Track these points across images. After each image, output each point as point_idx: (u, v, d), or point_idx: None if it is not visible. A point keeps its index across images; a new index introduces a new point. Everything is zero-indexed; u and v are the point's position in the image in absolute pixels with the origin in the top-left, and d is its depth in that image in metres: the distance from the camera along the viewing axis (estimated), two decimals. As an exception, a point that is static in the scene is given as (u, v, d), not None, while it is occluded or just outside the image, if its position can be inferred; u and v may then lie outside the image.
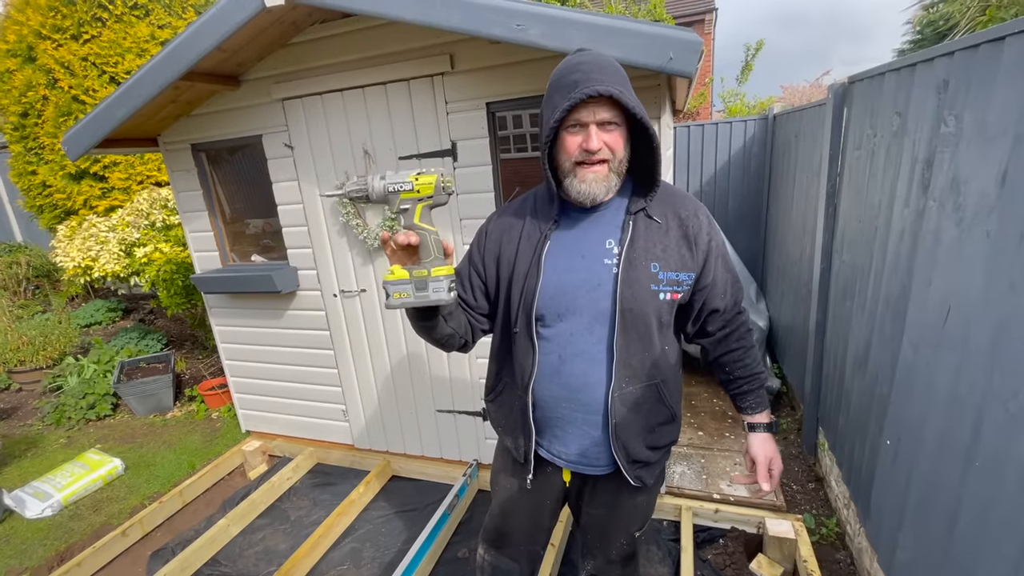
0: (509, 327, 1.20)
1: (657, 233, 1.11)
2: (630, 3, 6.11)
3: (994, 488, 1.15)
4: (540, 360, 1.15)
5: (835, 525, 2.21)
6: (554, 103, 1.02)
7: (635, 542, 1.38)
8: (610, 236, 1.12)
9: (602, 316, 1.11)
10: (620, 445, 1.16)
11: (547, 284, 1.12)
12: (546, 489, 1.33)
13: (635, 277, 1.08)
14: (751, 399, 1.28)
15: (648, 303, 1.09)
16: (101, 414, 3.84)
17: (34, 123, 4.66)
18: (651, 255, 1.10)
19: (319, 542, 2.29)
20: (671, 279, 1.11)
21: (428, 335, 1.15)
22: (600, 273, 1.11)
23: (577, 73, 1.00)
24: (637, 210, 1.11)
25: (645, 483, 1.22)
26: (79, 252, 3.90)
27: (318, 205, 2.50)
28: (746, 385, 1.27)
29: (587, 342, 1.12)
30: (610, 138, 1.03)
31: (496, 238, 1.21)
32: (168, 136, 2.73)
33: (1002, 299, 1.14)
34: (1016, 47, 1.11)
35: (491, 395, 1.34)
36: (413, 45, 2.12)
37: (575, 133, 1.03)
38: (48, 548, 2.51)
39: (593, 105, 1.00)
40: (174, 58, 2.08)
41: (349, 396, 2.80)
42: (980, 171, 1.23)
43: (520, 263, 1.15)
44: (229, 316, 2.96)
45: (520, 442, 1.25)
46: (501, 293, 1.20)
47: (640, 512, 1.34)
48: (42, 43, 4.39)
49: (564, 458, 1.24)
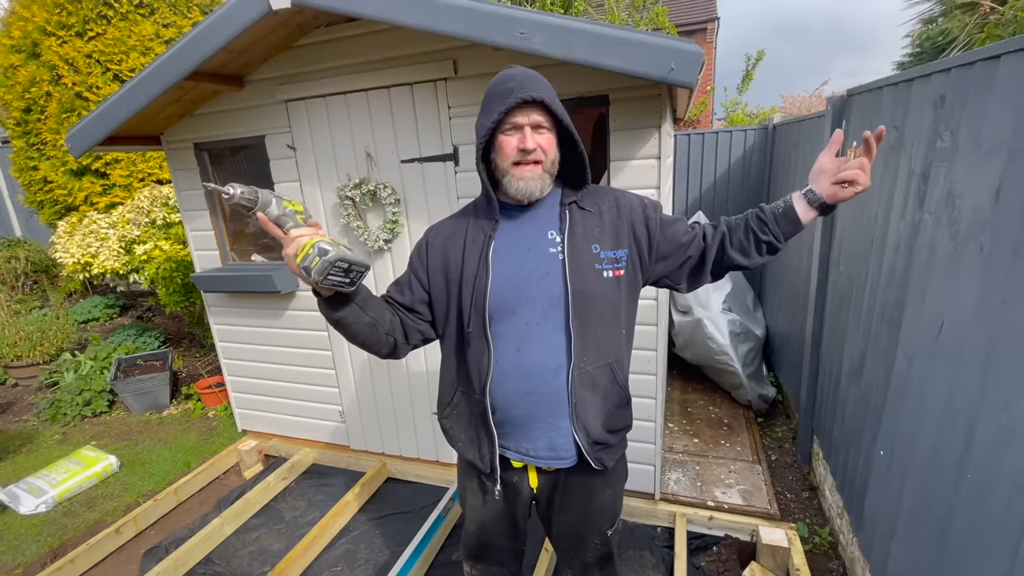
0: (463, 329, 1.22)
1: (592, 219, 1.20)
2: (633, 11, 6.15)
3: (985, 500, 1.17)
4: (496, 357, 1.18)
5: (828, 534, 2.22)
6: (491, 108, 1.10)
7: (609, 542, 1.39)
8: (550, 228, 1.20)
9: (555, 302, 1.16)
10: (581, 426, 1.19)
11: (497, 280, 1.17)
12: (514, 497, 1.34)
13: (581, 260, 1.16)
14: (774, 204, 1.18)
15: (595, 282, 1.16)
16: (97, 411, 3.83)
17: (37, 119, 4.66)
18: (590, 237, 1.18)
19: (313, 543, 2.29)
20: (610, 257, 1.18)
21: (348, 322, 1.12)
22: (548, 262, 1.17)
23: (511, 83, 1.10)
24: (570, 201, 1.21)
25: (606, 466, 1.24)
26: (79, 248, 3.90)
27: (320, 206, 2.51)
28: (761, 213, 1.18)
29: (544, 330, 1.17)
30: (543, 140, 1.12)
31: (440, 245, 1.25)
32: (171, 135, 2.74)
33: (995, 313, 1.15)
34: (1011, 66, 1.13)
35: (446, 411, 1.32)
36: (417, 50, 2.14)
37: (511, 135, 1.12)
38: (41, 544, 2.51)
39: (527, 109, 1.09)
40: (180, 58, 2.09)
41: (346, 397, 2.81)
42: (975, 186, 1.25)
43: (468, 265, 1.20)
44: (228, 315, 2.96)
45: (484, 450, 1.25)
46: (452, 298, 1.23)
47: (608, 508, 1.36)
48: (47, 39, 4.40)
49: (533, 455, 1.24)
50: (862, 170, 1.06)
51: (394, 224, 2.35)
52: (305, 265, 0.96)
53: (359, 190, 2.34)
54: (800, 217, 1.15)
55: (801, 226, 1.16)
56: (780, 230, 1.17)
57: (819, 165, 1.13)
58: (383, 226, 2.37)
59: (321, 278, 0.97)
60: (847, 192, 1.09)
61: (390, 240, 2.40)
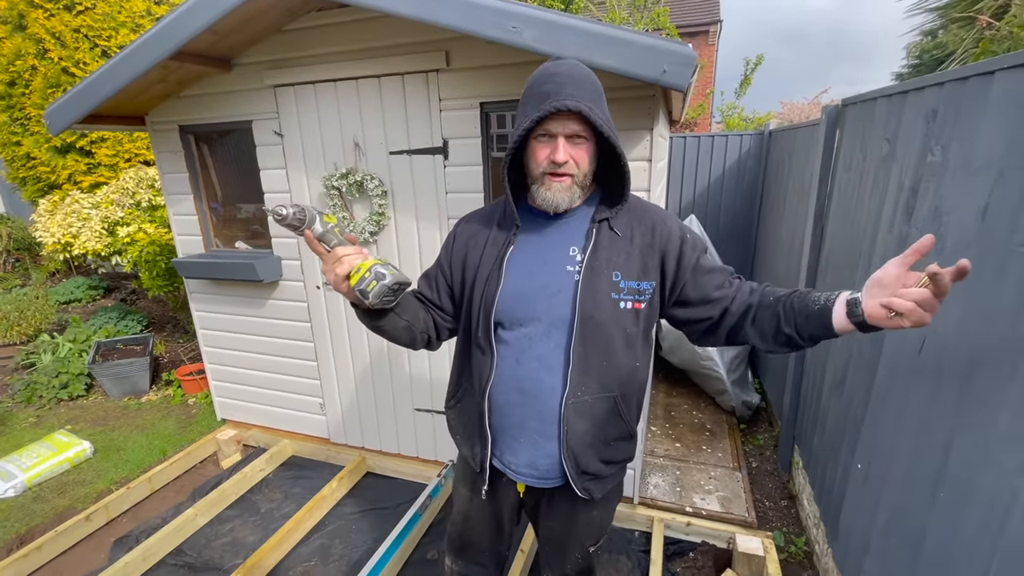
0: (471, 331, 1.20)
1: (621, 243, 1.11)
2: (634, 11, 6.12)
3: (958, 519, 1.16)
4: (497, 364, 1.15)
5: (804, 544, 2.23)
6: (526, 111, 1.03)
7: (591, 557, 1.38)
8: (574, 243, 1.13)
9: (560, 322, 1.10)
10: (570, 454, 1.14)
11: (507, 289, 1.13)
12: (502, 499, 1.33)
13: (596, 285, 1.08)
14: (815, 295, 1.00)
15: (607, 311, 1.09)
16: (74, 394, 3.76)
17: (21, 93, 4.55)
18: (613, 264, 1.10)
19: (288, 536, 2.26)
20: (632, 288, 1.10)
21: (386, 329, 1.16)
22: (561, 279, 1.11)
23: (550, 84, 1.00)
24: (602, 219, 1.12)
25: (593, 496, 1.20)
26: (59, 228, 3.82)
27: (306, 194, 2.46)
28: (796, 300, 1.02)
29: (544, 347, 1.12)
30: (577, 152, 1.05)
31: (463, 242, 1.23)
32: (156, 116, 2.67)
33: (976, 332, 1.14)
34: (1005, 82, 1.11)
35: (451, 402, 1.33)
36: (409, 40, 2.09)
37: (544, 143, 1.05)
38: (8, 530, 2.45)
39: (563, 118, 1.01)
40: (164, 37, 2.03)
41: (327, 389, 2.77)
42: (962, 203, 1.24)
43: (483, 268, 1.16)
44: (210, 302, 2.91)
45: (477, 450, 1.24)
46: (465, 297, 1.21)
47: (595, 527, 1.33)
48: (34, 11, 4.28)
49: (514, 469, 1.22)
50: (921, 305, 0.82)
51: (380, 216, 2.31)
52: (361, 288, 1.02)
53: (346, 180, 2.30)
54: (834, 324, 0.95)
55: (833, 333, 0.96)
56: (807, 329, 0.99)
57: (880, 274, 0.91)
58: (369, 218, 2.33)
59: (378, 301, 1.03)
60: (892, 322, 0.87)
61: (376, 232, 2.36)
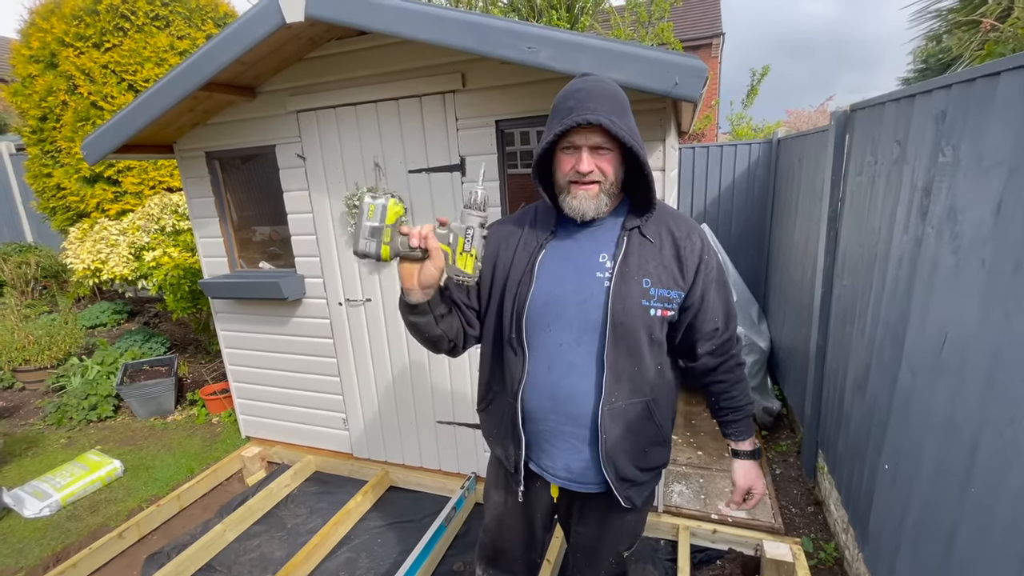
0: (501, 334, 1.21)
1: (651, 250, 1.14)
2: (638, 26, 6.24)
3: (989, 514, 1.16)
4: (529, 369, 1.17)
5: (833, 549, 2.20)
6: (551, 126, 1.08)
7: (624, 562, 1.38)
8: (604, 250, 1.15)
9: (591, 328, 1.12)
10: (610, 462, 1.15)
11: (538, 293, 1.15)
12: (536, 503, 1.34)
13: (627, 291, 1.10)
14: (735, 428, 1.30)
15: (638, 318, 1.11)
16: (102, 415, 3.85)
17: (52, 127, 4.75)
18: (643, 271, 1.12)
19: (314, 551, 2.29)
20: (662, 295, 1.12)
21: (421, 329, 1.17)
22: (592, 286, 1.13)
23: (573, 100, 1.05)
24: (632, 227, 1.15)
25: (635, 504, 1.22)
26: (89, 254, 3.96)
27: (327, 215, 2.55)
28: (731, 415, 1.29)
29: (576, 354, 1.14)
30: (602, 162, 1.08)
31: (495, 244, 1.24)
32: (184, 143, 2.79)
33: (997, 328, 1.16)
34: (1011, 83, 1.15)
35: (482, 404, 1.35)
36: (426, 63, 2.18)
37: (570, 154, 1.09)
38: (44, 548, 2.51)
39: (585, 131, 1.05)
40: (195, 69, 2.14)
41: (350, 405, 2.82)
42: (976, 201, 1.26)
43: (515, 271, 1.18)
44: (234, 321, 2.99)
45: (511, 451, 1.25)
46: (494, 300, 1.22)
47: (629, 531, 1.34)
48: (65, 50, 4.50)
49: (551, 473, 1.24)
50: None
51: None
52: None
53: (367, 199, 2.37)
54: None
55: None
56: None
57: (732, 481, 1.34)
58: (390, 235, 2.39)
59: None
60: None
61: (396, 249, 2.43)
